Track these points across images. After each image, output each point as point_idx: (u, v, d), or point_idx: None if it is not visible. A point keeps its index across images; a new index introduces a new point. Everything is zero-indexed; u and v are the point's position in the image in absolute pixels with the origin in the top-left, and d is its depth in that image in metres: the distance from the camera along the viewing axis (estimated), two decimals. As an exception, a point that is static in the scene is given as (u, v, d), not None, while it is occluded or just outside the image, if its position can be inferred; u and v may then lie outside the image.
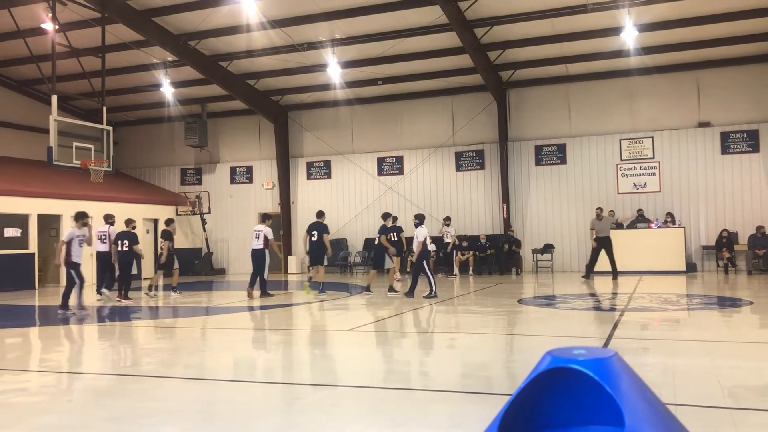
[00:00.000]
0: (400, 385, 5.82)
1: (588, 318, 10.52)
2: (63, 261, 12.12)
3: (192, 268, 23.16)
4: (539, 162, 21.41)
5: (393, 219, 14.83)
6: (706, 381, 5.49)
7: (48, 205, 19.41)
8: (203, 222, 24.30)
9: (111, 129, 18.25)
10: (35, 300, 15.83)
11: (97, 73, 18.42)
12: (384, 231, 14.09)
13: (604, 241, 16.77)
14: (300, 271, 23.51)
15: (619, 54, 18.69)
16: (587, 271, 17.13)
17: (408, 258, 13.80)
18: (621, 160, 20.60)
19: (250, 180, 25.04)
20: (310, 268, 22.89)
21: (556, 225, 21.11)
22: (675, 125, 20.12)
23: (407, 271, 13.97)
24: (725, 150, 19.61)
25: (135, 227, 14.73)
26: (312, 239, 14.47)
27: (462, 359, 7.00)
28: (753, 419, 4.48)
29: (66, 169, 17.15)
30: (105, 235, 14.62)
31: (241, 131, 25.19)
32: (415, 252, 13.41)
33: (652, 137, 20.33)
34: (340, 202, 23.51)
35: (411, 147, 22.82)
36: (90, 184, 17.87)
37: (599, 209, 17.64)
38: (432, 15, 17.12)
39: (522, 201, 21.50)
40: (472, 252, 20.61)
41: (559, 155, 21.22)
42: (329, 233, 14.71)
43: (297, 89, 22.99)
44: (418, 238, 13.27)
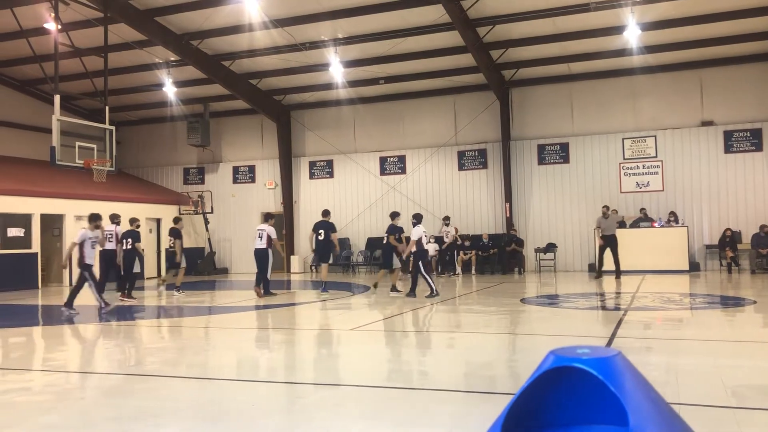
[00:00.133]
0: (403, 385, 5.82)
1: (591, 317, 10.50)
2: (76, 262, 12.24)
3: (195, 267, 23.18)
4: (542, 161, 21.39)
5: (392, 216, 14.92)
6: (709, 380, 5.48)
7: (51, 205, 19.46)
8: (206, 221, 24.33)
9: (114, 129, 18.27)
10: (38, 299, 15.86)
11: (100, 73, 18.45)
12: (392, 230, 14.13)
13: (609, 240, 16.75)
14: (302, 270, 23.52)
15: (622, 53, 18.65)
16: (598, 270, 17.07)
17: (404, 257, 13.90)
18: (624, 159, 20.57)
19: (252, 179, 25.06)
20: (312, 267, 23.10)
21: (558, 224, 21.09)
22: (678, 124, 20.09)
23: (408, 272, 14.01)
24: (728, 149, 19.58)
25: (139, 226, 14.86)
26: (318, 238, 14.61)
27: (465, 358, 7.00)
28: (756, 418, 4.47)
29: (69, 169, 17.18)
30: (111, 235, 14.67)
31: (244, 131, 25.21)
32: (407, 250, 13.44)
33: (654, 136, 20.30)
34: (342, 201, 23.51)
35: (413, 146, 22.81)
36: (93, 183, 17.90)
37: (605, 207, 17.60)
38: (434, 14, 17.12)
39: (524, 200, 21.48)
40: (474, 251, 20.60)
41: (562, 154, 21.20)
42: (336, 231, 15.00)
43: (299, 89, 22.99)
44: (412, 237, 13.32)
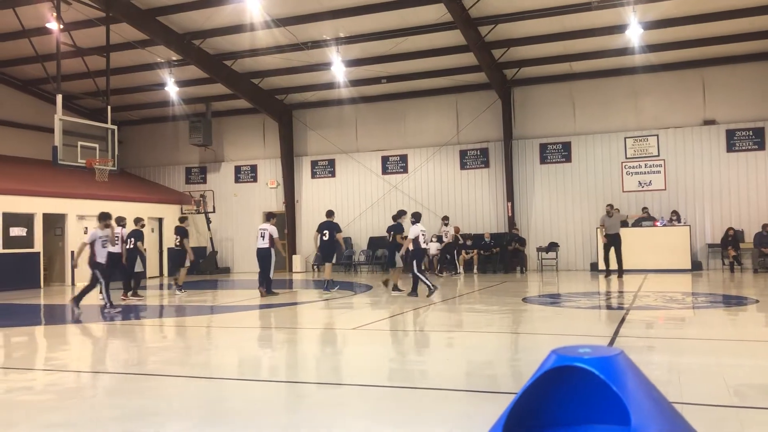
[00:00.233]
0: (405, 384, 5.82)
1: (593, 316, 10.49)
2: (87, 261, 12.25)
3: (197, 266, 23.18)
4: (544, 160, 21.37)
5: (394, 218, 14.93)
6: (711, 379, 5.47)
7: (53, 205, 19.49)
8: (208, 221, 24.35)
9: (116, 128, 18.27)
10: (41, 299, 15.88)
11: (102, 73, 18.47)
12: (399, 229, 14.14)
13: (613, 239, 16.72)
14: (304, 270, 23.53)
15: (624, 52, 18.62)
16: (607, 269, 17.04)
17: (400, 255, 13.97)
18: (626, 158, 20.54)
19: (254, 179, 25.07)
20: (314, 266, 23.12)
21: (560, 223, 21.07)
22: (680, 123, 20.06)
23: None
24: (731, 148, 19.55)
25: (144, 226, 15.01)
26: (323, 238, 14.70)
27: (467, 358, 7.00)
28: (759, 418, 4.46)
29: (71, 169, 17.20)
30: (117, 237, 14.72)
31: (246, 130, 25.22)
32: (403, 248, 13.45)
33: (657, 135, 20.27)
34: (344, 200, 23.51)
35: (415, 145, 22.80)
36: (95, 183, 17.92)
37: (609, 206, 17.56)
38: (436, 13, 17.11)
39: (527, 199, 21.47)
40: (476, 250, 20.60)
41: (564, 153, 21.18)
42: (341, 231, 15.23)
43: (301, 88, 22.99)
44: (409, 236, 13.34)
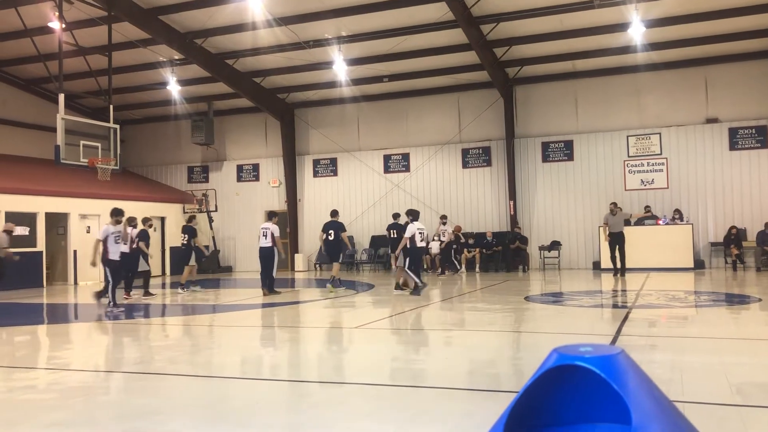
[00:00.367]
0: (407, 383, 5.82)
1: (595, 315, 10.48)
2: (100, 259, 12.30)
3: (199, 265, 23.17)
4: (546, 159, 21.35)
5: (394, 216, 15.13)
6: (713, 378, 5.47)
7: (55, 204, 19.52)
8: (210, 220, 24.37)
9: (118, 127, 18.30)
10: (43, 298, 15.91)
11: (104, 72, 18.49)
12: (396, 227, 14.13)
13: (617, 237, 16.67)
14: (307, 269, 23.54)
15: (626, 50, 18.61)
16: (615, 267, 17.02)
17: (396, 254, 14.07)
18: (628, 156, 20.52)
19: (256, 178, 25.08)
20: (316, 265, 23.12)
21: (563, 222, 21.05)
22: (683, 121, 20.02)
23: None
24: (733, 146, 19.51)
25: (151, 225, 15.09)
26: (328, 238, 14.74)
27: (469, 356, 6.99)
28: (761, 416, 4.46)
29: (73, 168, 17.22)
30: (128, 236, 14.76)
31: (248, 129, 25.23)
32: (399, 246, 13.46)
33: (659, 133, 20.24)
34: (346, 199, 23.51)
35: (417, 144, 22.80)
36: (97, 182, 17.94)
37: (613, 204, 17.53)
38: (438, 12, 17.10)
39: (529, 198, 21.45)
40: (478, 249, 20.59)
41: (566, 152, 21.15)
42: (346, 230, 15.30)
43: (303, 87, 22.99)
44: (405, 234, 13.34)
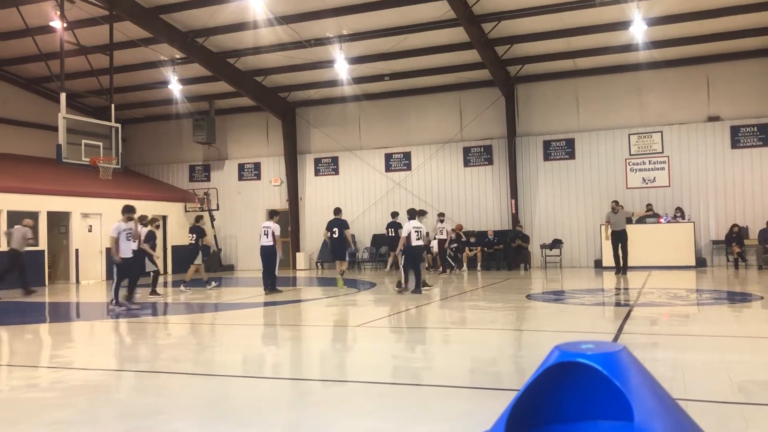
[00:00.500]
0: (409, 381, 5.82)
1: (597, 313, 10.48)
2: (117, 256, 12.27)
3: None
4: (547, 157, 21.34)
5: (393, 215, 15.32)
6: (715, 376, 5.47)
7: (57, 203, 19.53)
8: (212, 219, 24.37)
9: (119, 126, 18.31)
10: (45, 297, 15.93)
11: (106, 71, 18.50)
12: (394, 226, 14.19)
13: (618, 235, 16.64)
14: (308, 267, 23.55)
15: (628, 48, 18.57)
16: (617, 266, 17.00)
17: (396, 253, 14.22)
18: (630, 154, 20.49)
19: (258, 177, 25.09)
20: (318, 263, 23.13)
21: (564, 220, 21.04)
22: (684, 119, 20.00)
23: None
24: (735, 144, 19.48)
25: (158, 226, 15.17)
26: (333, 236, 14.86)
27: (470, 354, 7.00)
28: (763, 414, 4.46)
29: (75, 167, 17.23)
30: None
31: (249, 128, 25.23)
32: (399, 245, 13.54)
33: (661, 132, 20.21)
34: (347, 198, 23.51)
35: (419, 143, 22.79)
36: (99, 181, 17.95)
37: (614, 202, 17.51)
38: (439, 10, 17.09)
39: (530, 196, 21.44)
40: (480, 248, 20.58)
41: (568, 150, 21.14)
42: (349, 228, 15.47)
43: (304, 85, 22.99)
44: (402, 233, 13.40)
